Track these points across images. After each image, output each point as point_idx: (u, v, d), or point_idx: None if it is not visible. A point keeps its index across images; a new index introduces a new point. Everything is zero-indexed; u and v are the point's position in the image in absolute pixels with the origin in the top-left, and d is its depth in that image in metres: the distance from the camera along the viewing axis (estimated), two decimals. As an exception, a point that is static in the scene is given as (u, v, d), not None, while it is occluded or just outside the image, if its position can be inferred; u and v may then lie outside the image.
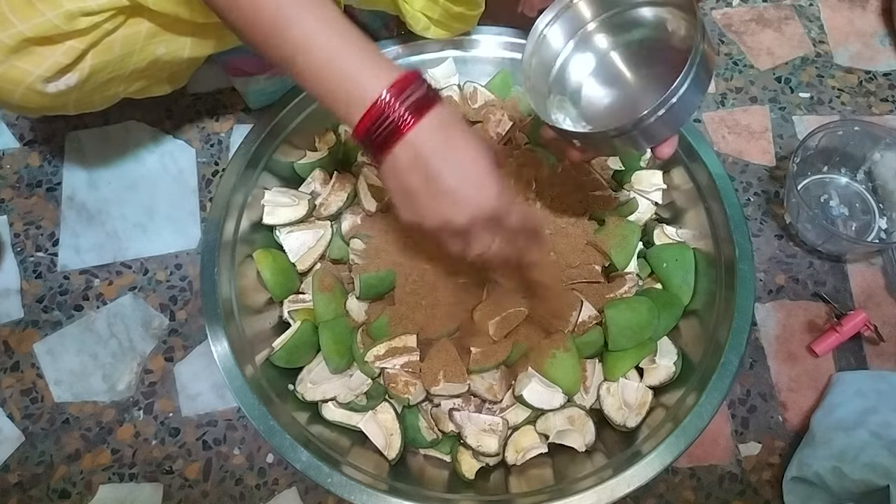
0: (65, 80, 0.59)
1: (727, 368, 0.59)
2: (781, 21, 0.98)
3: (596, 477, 0.56)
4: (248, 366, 0.61)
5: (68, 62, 0.57)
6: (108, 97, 0.67)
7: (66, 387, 0.74)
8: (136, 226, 0.82)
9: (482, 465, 0.62)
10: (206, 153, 0.86)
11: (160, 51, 0.63)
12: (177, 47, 0.64)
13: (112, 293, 0.79)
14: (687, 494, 0.69)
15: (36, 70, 0.57)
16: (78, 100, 0.63)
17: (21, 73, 0.57)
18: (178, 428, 0.72)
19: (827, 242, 0.77)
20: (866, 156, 0.81)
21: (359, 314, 0.65)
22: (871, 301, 0.78)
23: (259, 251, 0.67)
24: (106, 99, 0.67)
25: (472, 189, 0.46)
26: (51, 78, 0.58)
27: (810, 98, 0.92)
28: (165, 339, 0.76)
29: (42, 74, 0.57)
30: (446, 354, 0.61)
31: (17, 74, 0.57)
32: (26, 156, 0.86)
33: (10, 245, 0.81)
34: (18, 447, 0.71)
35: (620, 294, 0.66)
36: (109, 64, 0.61)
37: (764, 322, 0.77)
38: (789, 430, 0.72)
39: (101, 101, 0.67)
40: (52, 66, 0.57)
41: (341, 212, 0.70)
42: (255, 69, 0.83)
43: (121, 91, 0.67)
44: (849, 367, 0.75)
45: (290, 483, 0.70)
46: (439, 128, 0.46)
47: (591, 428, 0.62)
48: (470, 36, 0.76)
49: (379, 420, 0.62)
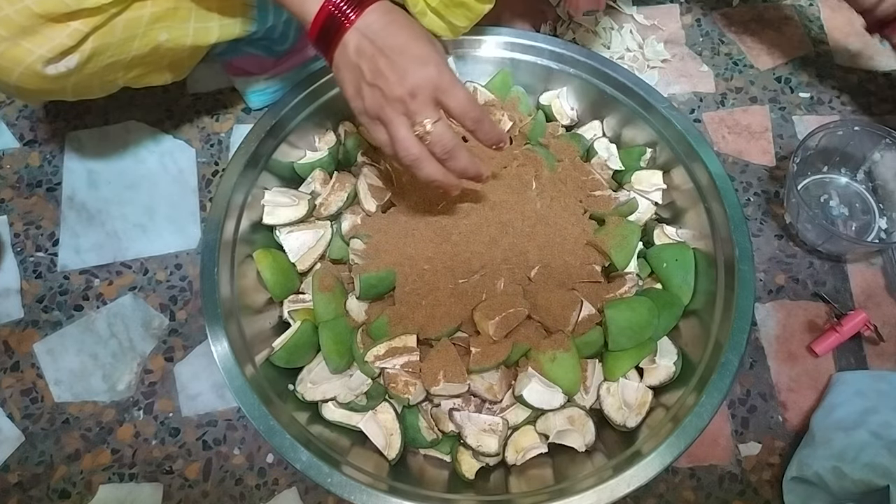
0: (65, 63, 0.58)
1: (727, 368, 0.59)
2: (781, 21, 0.98)
3: (596, 477, 0.56)
4: (248, 366, 0.61)
5: (72, 44, 0.57)
6: (108, 83, 0.66)
7: (66, 387, 0.74)
8: (136, 226, 0.82)
9: (482, 465, 0.62)
10: (206, 153, 0.86)
11: (162, 37, 0.63)
12: (179, 34, 0.64)
13: (112, 293, 0.79)
14: (687, 494, 0.69)
15: (38, 50, 0.56)
16: (76, 84, 0.62)
17: (23, 53, 0.56)
18: (178, 428, 0.72)
19: (827, 242, 0.77)
20: (866, 156, 0.81)
21: (359, 314, 0.65)
22: (871, 301, 0.78)
23: (259, 251, 0.67)
24: (105, 85, 0.66)
25: (413, 62, 0.52)
26: (52, 59, 0.57)
27: (810, 98, 0.92)
28: (165, 339, 0.76)
29: (44, 55, 0.56)
30: (446, 354, 0.61)
31: (19, 53, 0.56)
32: (26, 156, 0.86)
33: (10, 245, 0.81)
34: (18, 447, 0.71)
35: (620, 294, 0.66)
36: (110, 47, 0.60)
37: (764, 322, 0.77)
38: (789, 430, 0.72)
39: (100, 88, 0.67)
40: (55, 47, 0.56)
41: (341, 212, 0.70)
42: (256, 69, 0.83)
43: (120, 77, 0.67)
44: (849, 367, 0.75)
45: (290, 483, 0.70)
46: (382, 14, 0.53)
47: (591, 428, 0.62)
48: (470, 36, 0.76)
49: (379, 420, 0.62)
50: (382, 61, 0.52)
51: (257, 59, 0.82)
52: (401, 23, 0.53)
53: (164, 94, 0.89)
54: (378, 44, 0.52)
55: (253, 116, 0.88)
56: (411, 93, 0.51)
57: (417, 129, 0.53)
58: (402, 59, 0.52)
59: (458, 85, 0.53)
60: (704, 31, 0.98)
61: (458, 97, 0.53)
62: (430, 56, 0.52)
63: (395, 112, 0.53)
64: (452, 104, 0.53)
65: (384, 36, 0.52)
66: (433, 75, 0.52)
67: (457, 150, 0.54)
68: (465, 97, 0.53)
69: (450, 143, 0.54)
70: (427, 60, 0.52)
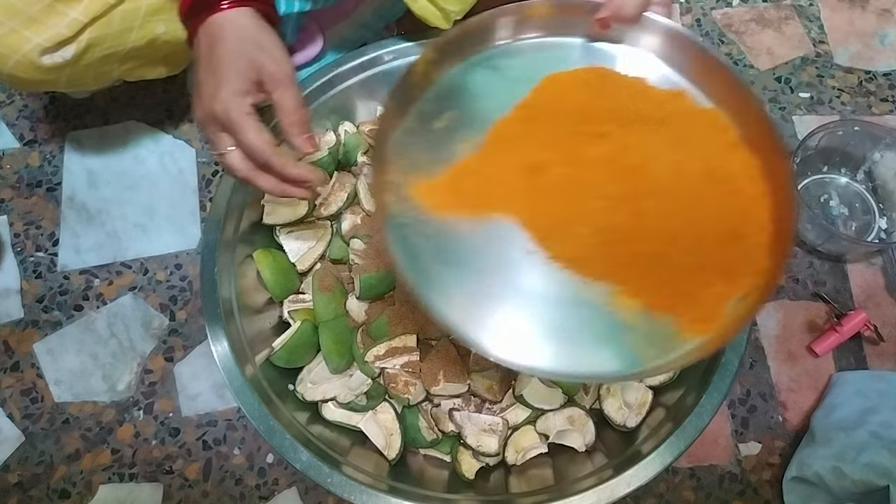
0: (61, 53, 0.58)
1: (727, 368, 0.59)
2: (781, 21, 0.98)
3: (596, 477, 0.56)
4: (248, 366, 0.61)
5: (70, 34, 0.57)
6: (102, 75, 0.66)
7: (66, 387, 0.74)
8: (136, 226, 0.82)
9: (482, 465, 0.62)
10: (206, 153, 0.86)
11: (160, 29, 0.62)
12: (177, 27, 0.63)
13: (112, 293, 0.79)
14: (687, 494, 0.69)
15: (36, 38, 0.56)
16: (71, 76, 0.62)
17: (20, 40, 0.55)
18: (178, 428, 0.72)
19: (827, 242, 0.77)
20: (866, 156, 0.81)
21: (359, 314, 0.65)
22: (871, 301, 0.78)
23: (259, 251, 0.67)
24: (99, 77, 0.66)
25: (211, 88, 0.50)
26: (49, 49, 0.57)
27: (810, 98, 0.92)
28: (165, 339, 0.76)
29: (41, 44, 0.56)
30: (446, 354, 0.61)
31: (16, 41, 0.55)
32: (26, 156, 0.86)
33: (10, 245, 0.81)
34: (18, 447, 0.71)
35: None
36: (107, 38, 0.60)
37: (764, 322, 0.77)
38: (789, 430, 0.72)
39: (94, 80, 0.66)
40: (53, 37, 0.56)
41: (341, 212, 0.70)
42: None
43: (115, 70, 0.66)
44: (849, 367, 0.75)
45: (290, 483, 0.70)
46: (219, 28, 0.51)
47: (591, 428, 0.62)
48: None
49: (379, 420, 0.62)
50: (200, 75, 0.52)
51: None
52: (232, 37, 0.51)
53: (163, 93, 0.89)
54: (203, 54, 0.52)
55: (253, 116, 0.88)
56: (203, 121, 0.52)
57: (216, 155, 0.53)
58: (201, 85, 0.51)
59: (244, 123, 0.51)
60: (704, 31, 0.98)
61: (245, 138, 0.51)
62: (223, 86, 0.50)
63: (209, 131, 0.53)
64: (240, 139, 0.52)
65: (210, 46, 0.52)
66: (217, 111, 0.51)
67: (257, 179, 0.53)
68: (251, 139, 0.51)
69: (243, 172, 0.53)
70: (215, 95, 0.50)
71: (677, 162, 0.51)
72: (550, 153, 0.52)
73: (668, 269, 0.48)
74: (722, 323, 0.46)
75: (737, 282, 0.48)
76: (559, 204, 0.51)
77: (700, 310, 0.47)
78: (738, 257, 0.49)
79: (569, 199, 0.51)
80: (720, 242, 0.49)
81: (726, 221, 0.50)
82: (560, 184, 0.51)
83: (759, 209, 0.50)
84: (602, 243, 0.49)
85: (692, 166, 0.51)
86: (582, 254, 0.49)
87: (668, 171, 0.51)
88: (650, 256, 0.49)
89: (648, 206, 0.50)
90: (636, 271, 0.48)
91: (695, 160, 0.52)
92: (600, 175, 0.51)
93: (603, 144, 0.52)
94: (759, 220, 0.50)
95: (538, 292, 0.48)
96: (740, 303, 0.47)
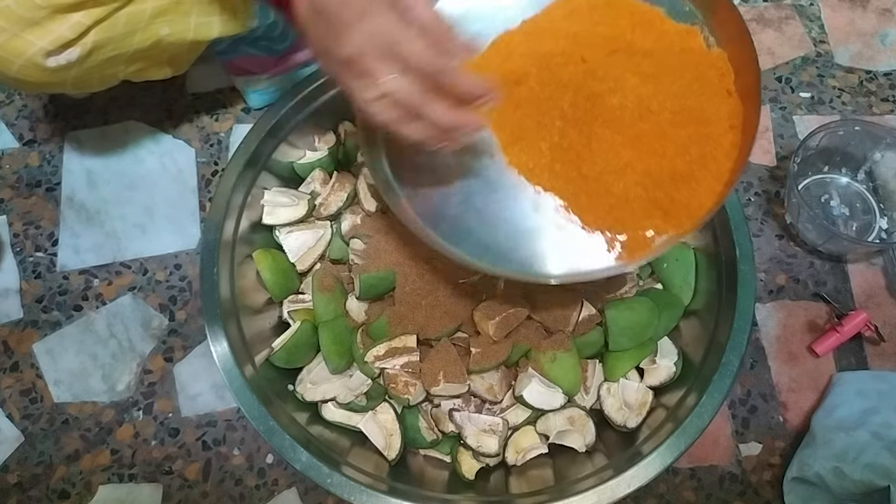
0: (66, 55, 0.58)
1: (728, 369, 0.58)
2: (782, 21, 0.98)
3: (596, 477, 0.56)
4: (248, 366, 0.61)
5: (73, 37, 0.57)
6: (108, 76, 0.66)
7: (66, 387, 0.74)
8: (135, 226, 0.82)
9: (482, 466, 0.62)
10: (205, 153, 0.86)
11: (164, 31, 0.63)
12: (181, 28, 0.64)
13: (111, 293, 0.78)
14: (687, 495, 0.69)
15: (39, 42, 0.56)
16: (77, 78, 0.62)
17: (24, 44, 0.55)
18: (177, 428, 0.72)
19: (828, 242, 0.77)
20: (867, 155, 0.81)
21: (359, 314, 0.65)
22: (871, 301, 0.78)
23: (259, 251, 0.67)
24: (105, 78, 0.66)
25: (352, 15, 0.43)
26: (53, 51, 0.57)
27: (811, 98, 0.91)
28: (165, 339, 0.76)
29: (45, 47, 0.56)
30: (446, 354, 0.61)
31: (20, 45, 0.55)
32: (26, 156, 0.86)
33: (10, 245, 0.81)
34: (18, 447, 0.71)
35: (621, 294, 0.66)
36: (112, 41, 0.60)
37: (764, 322, 0.77)
38: (790, 431, 0.72)
39: (100, 81, 0.66)
40: (56, 40, 0.56)
41: (341, 212, 0.70)
42: (257, 68, 0.83)
43: (121, 71, 0.66)
44: (849, 368, 0.75)
45: (290, 483, 0.70)
46: None
47: (592, 428, 0.62)
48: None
49: (379, 420, 0.62)
50: (322, 22, 0.44)
51: (258, 58, 0.81)
52: None
53: (163, 93, 0.89)
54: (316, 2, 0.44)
55: (252, 116, 0.88)
56: (359, 51, 0.44)
57: (373, 92, 0.45)
58: (341, 14, 0.43)
59: (411, 29, 0.43)
60: (705, 30, 0.98)
61: (411, 47, 0.43)
62: (370, 4, 0.43)
63: (350, 77, 0.45)
64: (406, 55, 0.43)
65: None
66: (376, 26, 0.43)
67: (426, 106, 0.45)
68: (419, 47, 0.43)
69: (412, 99, 0.45)
70: (366, 10, 0.43)
71: (646, 97, 0.53)
72: (532, 68, 0.55)
73: (608, 196, 0.52)
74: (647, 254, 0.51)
75: (675, 222, 0.51)
76: (526, 116, 0.54)
77: (631, 242, 0.52)
78: (684, 200, 0.51)
79: (534, 114, 0.54)
80: (671, 181, 0.51)
81: (683, 162, 0.51)
82: (531, 98, 0.54)
83: (725, 159, 0.51)
84: (554, 160, 0.53)
85: (663, 103, 0.53)
86: (534, 165, 0.54)
87: (632, 103, 0.53)
88: (594, 180, 0.52)
89: (601, 133, 0.52)
90: (579, 191, 0.53)
91: (669, 98, 0.53)
92: (565, 97, 0.53)
93: (577, 68, 0.54)
94: (720, 169, 0.51)
95: (494, 194, 0.54)
96: (671, 239, 0.51)
